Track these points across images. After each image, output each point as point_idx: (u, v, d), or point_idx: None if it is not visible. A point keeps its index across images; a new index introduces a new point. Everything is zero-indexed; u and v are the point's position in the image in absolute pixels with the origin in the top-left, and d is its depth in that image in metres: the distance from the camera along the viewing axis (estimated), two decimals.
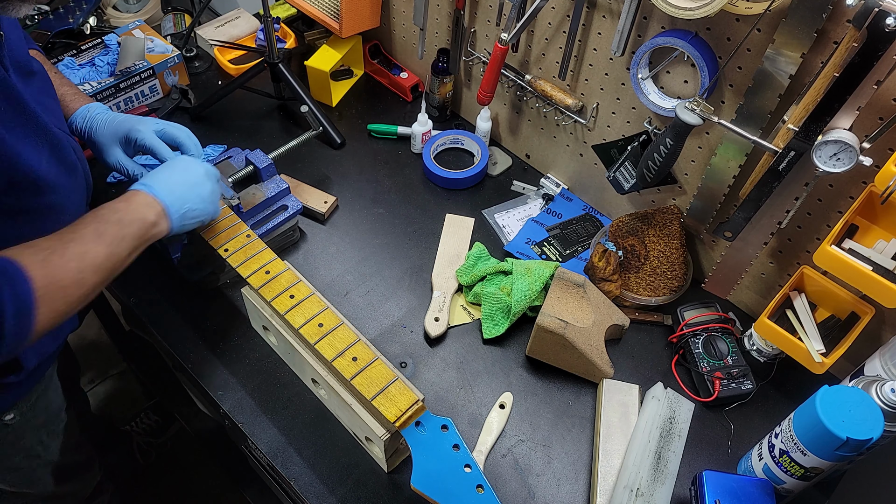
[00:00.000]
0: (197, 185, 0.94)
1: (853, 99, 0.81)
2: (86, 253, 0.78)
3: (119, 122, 1.03)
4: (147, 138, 1.02)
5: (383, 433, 0.89)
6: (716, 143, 1.05)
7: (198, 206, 0.94)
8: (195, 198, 0.93)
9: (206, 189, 0.95)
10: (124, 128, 1.03)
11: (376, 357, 0.91)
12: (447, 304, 1.16)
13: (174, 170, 0.95)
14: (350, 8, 1.40)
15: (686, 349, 1.11)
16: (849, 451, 0.79)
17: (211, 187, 0.96)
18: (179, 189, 0.92)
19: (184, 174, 0.94)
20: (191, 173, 0.95)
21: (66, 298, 0.76)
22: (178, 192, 0.92)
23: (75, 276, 0.77)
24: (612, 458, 0.98)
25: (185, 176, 0.94)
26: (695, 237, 1.21)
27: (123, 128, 1.03)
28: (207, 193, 0.95)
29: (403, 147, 1.44)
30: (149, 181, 0.91)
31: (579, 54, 1.16)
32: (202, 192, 0.95)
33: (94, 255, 0.79)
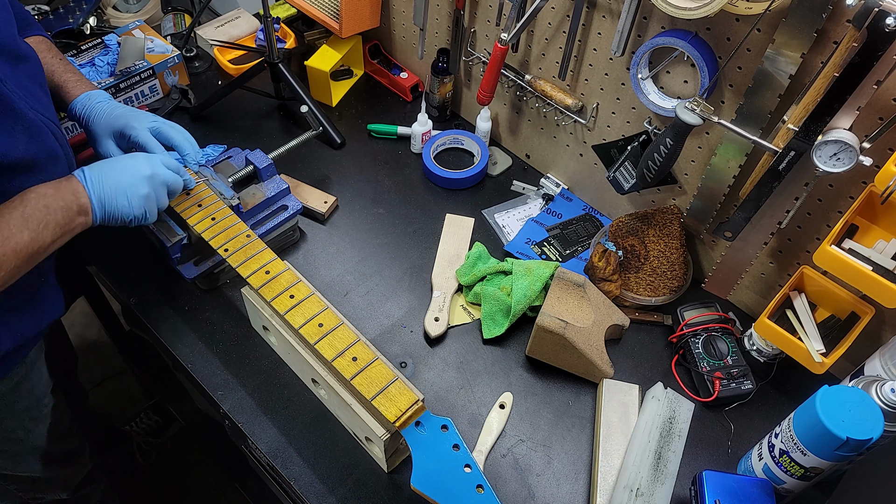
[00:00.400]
0: (132, 187, 0.93)
1: (853, 99, 0.81)
2: (8, 238, 0.79)
3: (116, 116, 1.03)
4: (141, 136, 1.02)
5: (383, 433, 0.89)
6: (716, 143, 1.05)
7: (124, 208, 0.92)
8: (123, 199, 0.92)
9: (138, 192, 0.93)
10: (120, 122, 1.03)
11: (376, 357, 0.91)
12: (447, 304, 1.16)
13: (116, 166, 0.94)
14: (350, 8, 1.40)
15: (686, 349, 1.11)
16: (849, 451, 0.79)
17: (146, 192, 0.94)
18: (112, 186, 0.91)
19: (123, 173, 0.93)
20: (131, 173, 0.94)
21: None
22: (109, 188, 0.91)
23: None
24: (612, 457, 0.98)
25: (123, 175, 0.93)
26: (695, 237, 1.21)
27: (119, 122, 1.03)
28: (139, 197, 0.94)
29: (403, 147, 1.44)
30: (88, 170, 0.91)
31: (579, 54, 1.16)
32: (134, 193, 0.93)
33: (18, 239, 0.80)
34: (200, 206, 1.06)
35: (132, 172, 0.94)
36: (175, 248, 1.09)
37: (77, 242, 1.22)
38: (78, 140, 1.34)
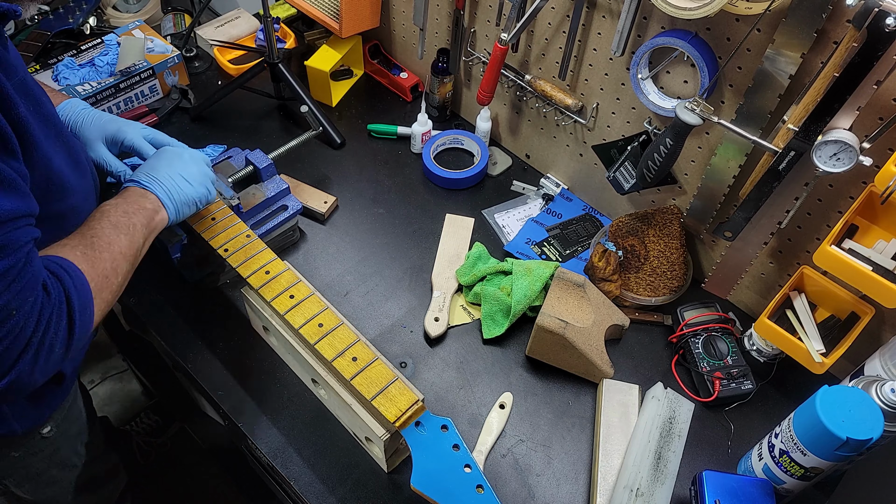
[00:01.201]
0: (182, 168, 0.95)
1: (853, 99, 0.81)
2: (111, 243, 0.80)
3: (106, 121, 1.04)
4: (136, 140, 1.03)
5: (383, 433, 0.89)
6: (716, 143, 1.05)
7: (186, 189, 0.94)
8: (181, 181, 0.94)
9: (190, 170, 0.95)
10: (111, 128, 1.03)
11: (376, 357, 0.91)
12: (447, 304, 1.16)
13: (156, 160, 0.96)
14: (350, 8, 1.40)
15: (686, 349, 1.11)
16: (849, 451, 0.79)
17: (197, 168, 0.96)
18: (164, 175, 0.93)
19: (167, 161, 0.95)
20: (173, 159, 0.96)
21: (110, 288, 0.78)
22: (164, 178, 0.92)
23: (111, 266, 0.78)
24: (611, 458, 0.98)
25: (168, 162, 0.95)
26: (695, 237, 1.21)
27: (110, 127, 1.03)
28: (195, 174, 0.96)
29: (403, 147, 1.44)
30: (136, 175, 0.93)
31: (579, 54, 1.16)
32: (187, 173, 0.95)
33: (119, 244, 0.81)
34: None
35: (174, 159, 0.96)
36: (175, 248, 1.09)
37: None
38: None
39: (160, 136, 1.05)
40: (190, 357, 1.08)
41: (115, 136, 1.03)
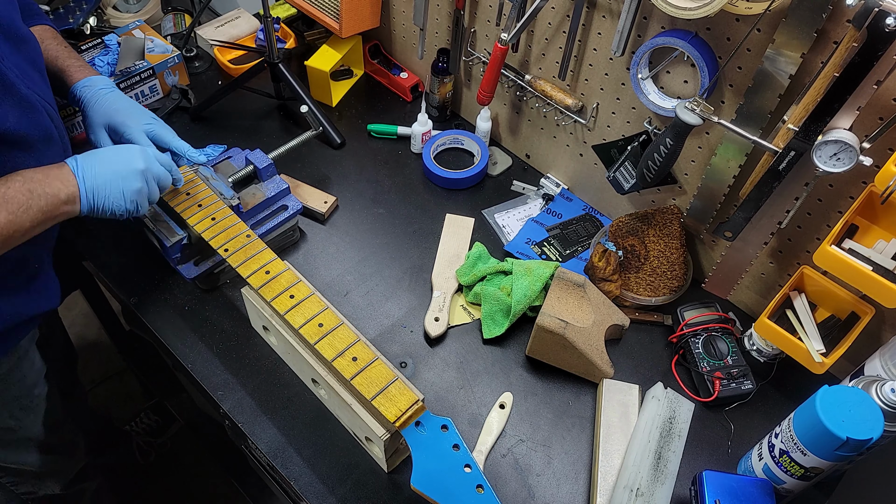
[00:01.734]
0: (125, 180, 0.92)
1: (853, 99, 0.81)
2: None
3: (113, 111, 1.03)
4: (134, 136, 1.02)
5: (383, 433, 0.89)
6: (716, 143, 1.05)
7: (114, 201, 0.91)
8: (115, 192, 0.91)
9: (132, 186, 0.92)
10: (117, 118, 1.03)
11: (376, 357, 0.91)
12: (447, 304, 1.16)
13: (110, 157, 0.92)
14: (350, 8, 1.40)
15: (686, 349, 1.11)
16: (849, 451, 0.79)
17: (139, 186, 0.93)
18: (104, 177, 0.90)
19: (117, 164, 0.92)
20: (125, 165, 0.92)
21: None
22: (101, 179, 0.90)
23: None
24: (612, 457, 0.98)
25: (117, 166, 0.92)
26: (695, 237, 1.21)
27: (116, 118, 1.03)
28: (132, 191, 0.92)
29: (403, 147, 1.44)
30: (81, 159, 0.90)
31: (579, 54, 1.16)
32: (127, 187, 0.92)
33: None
34: (200, 206, 1.06)
35: (126, 165, 0.92)
36: (175, 248, 1.09)
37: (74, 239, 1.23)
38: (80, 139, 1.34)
39: (163, 132, 1.05)
40: (190, 357, 1.08)
41: (116, 128, 1.03)
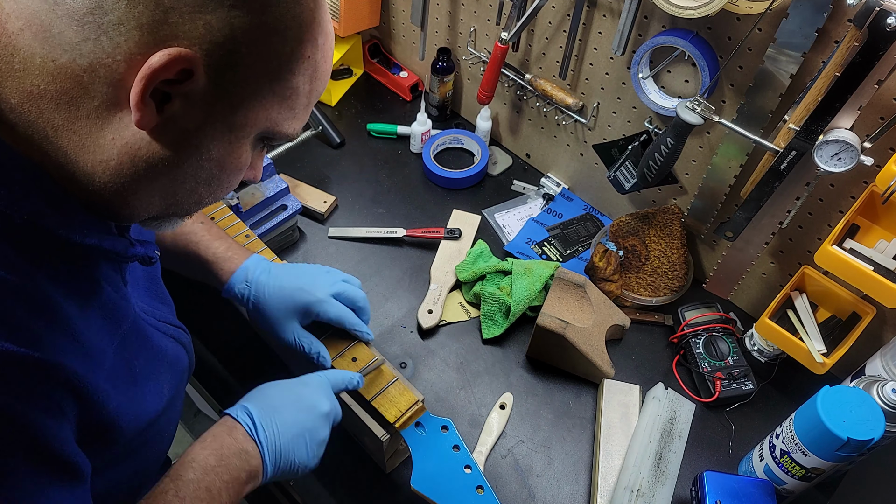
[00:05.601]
0: (311, 432, 0.75)
1: (854, 98, 0.81)
2: None
3: (291, 292, 0.88)
4: (332, 312, 0.88)
5: (383, 434, 0.89)
6: (717, 142, 1.04)
7: (299, 461, 0.74)
8: (301, 450, 0.74)
9: (318, 437, 0.76)
10: (301, 300, 0.88)
11: (376, 357, 0.91)
12: (442, 298, 1.16)
13: (289, 403, 0.76)
14: (349, 7, 1.40)
15: (687, 349, 1.10)
16: (850, 452, 0.79)
17: (325, 436, 0.77)
18: (289, 434, 0.73)
19: (301, 415, 0.75)
20: (310, 413, 0.76)
21: None
22: (285, 438, 0.73)
23: None
24: (612, 458, 0.97)
25: (301, 416, 0.75)
26: (696, 237, 1.20)
27: (300, 299, 0.88)
28: (317, 443, 0.76)
29: (403, 147, 1.44)
30: (258, 415, 0.73)
31: (580, 53, 1.15)
32: (312, 440, 0.76)
33: None
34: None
35: (310, 413, 0.76)
36: None
37: None
38: None
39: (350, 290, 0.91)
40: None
41: (307, 310, 0.88)
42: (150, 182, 0.53)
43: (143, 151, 0.51)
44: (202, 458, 0.68)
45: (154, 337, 0.67)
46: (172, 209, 0.58)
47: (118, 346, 0.59)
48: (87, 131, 0.49)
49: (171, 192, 0.56)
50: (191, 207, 0.59)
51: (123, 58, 0.46)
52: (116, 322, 0.59)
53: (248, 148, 0.57)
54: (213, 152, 0.54)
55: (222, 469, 0.68)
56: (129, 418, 0.59)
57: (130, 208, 0.55)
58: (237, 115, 0.53)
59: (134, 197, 0.54)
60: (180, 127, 0.51)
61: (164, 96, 0.48)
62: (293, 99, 0.56)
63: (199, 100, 0.50)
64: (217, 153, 0.54)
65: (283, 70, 0.53)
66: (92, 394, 0.53)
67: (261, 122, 0.54)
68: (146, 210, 0.57)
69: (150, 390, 0.64)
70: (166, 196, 0.56)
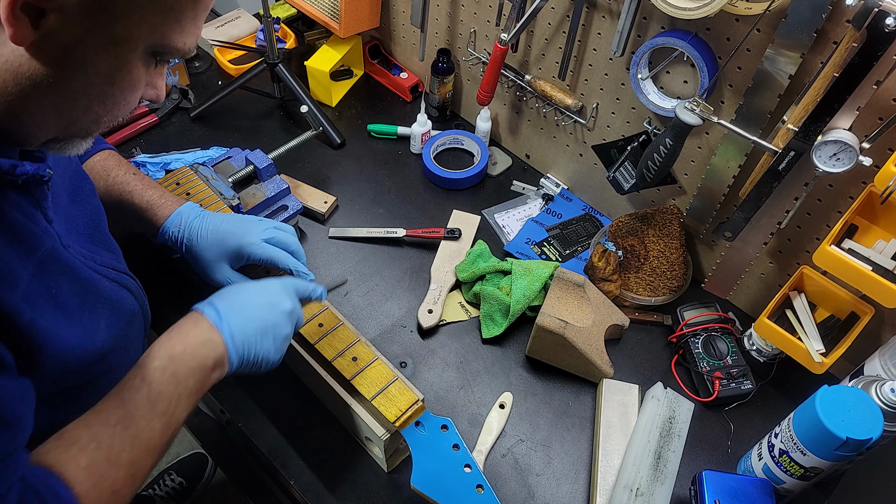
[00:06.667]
0: (275, 327, 0.77)
1: (853, 99, 0.81)
2: (138, 435, 0.64)
3: (224, 235, 0.91)
4: (262, 253, 0.90)
5: (383, 433, 0.89)
6: (715, 143, 1.05)
7: (264, 354, 0.76)
8: (267, 343, 0.76)
9: (282, 332, 0.78)
10: (233, 243, 0.91)
11: (376, 357, 0.91)
12: (442, 297, 1.16)
13: (254, 300, 0.78)
14: (350, 8, 1.40)
15: (686, 349, 1.11)
16: (848, 451, 0.79)
17: (288, 331, 0.80)
18: (253, 327, 0.75)
19: (265, 311, 0.77)
20: (273, 309, 0.78)
21: (119, 502, 0.63)
22: (249, 330, 0.75)
23: (128, 472, 0.63)
24: (611, 457, 0.98)
25: (265, 312, 0.77)
26: (694, 237, 1.21)
27: (231, 242, 0.91)
28: (281, 339, 0.79)
29: (403, 147, 1.44)
30: (223, 308, 0.75)
31: (579, 54, 1.16)
32: (276, 335, 0.78)
33: (149, 434, 0.65)
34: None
35: (273, 310, 0.78)
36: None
37: None
38: None
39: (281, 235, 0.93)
40: None
41: (237, 253, 0.91)
42: (37, 100, 0.54)
43: (25, 68, 0.52)
44: (168, 346, 0.70)
45: (88, 276, 0.68)
46: (71, 129, 0.59)
47: (35, 271, 0.60)
48: None
49: (64, 111, 0.56)
50: (90, 126, 0.60)
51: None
52: (30, 247, 0.60)
53: (140, 63, 0.57)
54: (99, 67, 0.54)
55: (188, 356, 0.70)
56: (51, 340, 0.60)
57: (25, 128, 0.56)
58: (117, 28, 0.53)
59: (25, 115, 0.55)
60: (59, 42, 0.51)
61: (39, 12, 0.49)
62: (177, 10, 0.56)
63: (74, 14, 0.50)
64: (104, 68, 0.55)
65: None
66: None
67: (145, 34, 0.55)
68: (43, 131, 0.58)
69: (81, 323, 0.65)
70: (60, 115, 0.57)
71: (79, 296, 0.66)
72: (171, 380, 0.68)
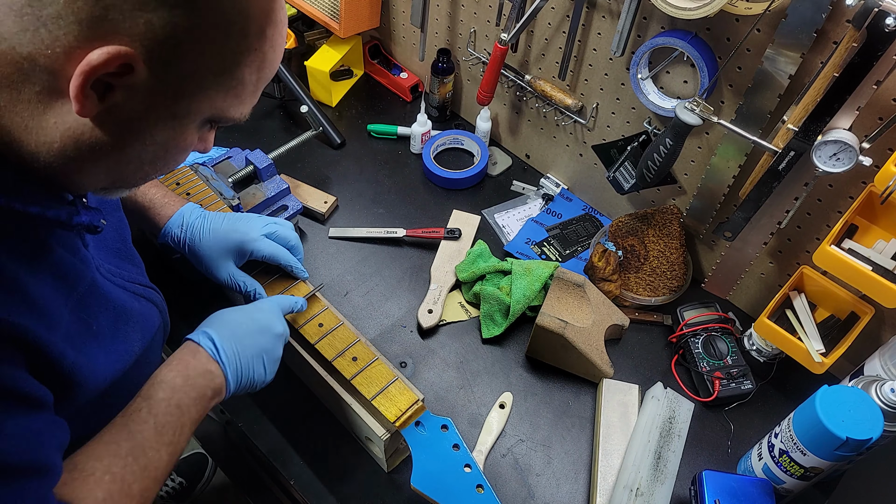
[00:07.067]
0: (268, 352, 0.81)
1: (853, 99, 0.81)
2: (148, 465, 0.66)
3: (225, 233, 0.93)
4: (265, 249, 0.93)
5: (383, 433, 0.89)
6: (715, 143, 1.05)
7: (258, 377, 0.79)
8: (260, 368, 0.79)
9: (274, 356, 0.82)
10: (234, 240, 0.92)
11: (376, 357, 0.91)
12: (442, 297, 1.16)
13: (246, 326, 0.80)
14: (350, 8, 1.40)
15: (686, 349, 1.11)
16: (848, 451, 0.79)
17: (279, 354, 0.83)
18: (247, 354, 0.78)
19: (258, 337, 0.80)
20: (266, 334, 0.81)
21: None
22: (244, 358, 0.78)
23: (139, 502, 0.65)
24: (611, 457, 0.98)
25: (259, 339, 0.80)
26: (694, 237, 1.21)
27: (232, 239, 0.93)
28: (273, 361, 0.82)
29: (403, 147, 1.44)
30: (218, 338, 0.77)
31: (579, 54, 1.16)
32: (269, 358, 0.81)
33: (157, 464, 0.67)
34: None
35: (266, 335, 0.81)
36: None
37: None
38: None
39: (281, 230, 0.95)
40: None
41: (241, 249, 0.93)
42: (94, 163, 0.56)
43: (87, 136, 0.53)
44: (170, 378, 0.72)
45: (119, 298, 0.70)
46: (119, 183, 0.62)
47: (75, 306, 0.62)
48: (30, 114, 0.51)
49: (116, 171, 0.58)
50: (137, 182, 0.63)
51: (63, 50, 0.48)
52: (71, 283, 0.62)
53: (194, 131, 0.59)
54: (156, 137, 0.56)
55: (189, 388, 0.72)
56: (90, 376, 0.62)
57: (76, 185, 0.58)
58: (180, 105, 0.55)
59: (79, 175, 0.57)
60: (123, 115, 0.53)
61: (106, 86, 0.50)
62: (239, 89, 0.57)
63: (141, 91, 0.51)
64: (161, 138, 0.57)
65: (227, 63, 0.54)
66: (44, 348, 0.55)
67: (205, 110, 0.57)
68: (92, 185, 0.60)
69: (116, 350, 0.68)
70: (111, 174, 0.59)
71: (113, 323, 0.68)
72: (175, 411, 0.70)
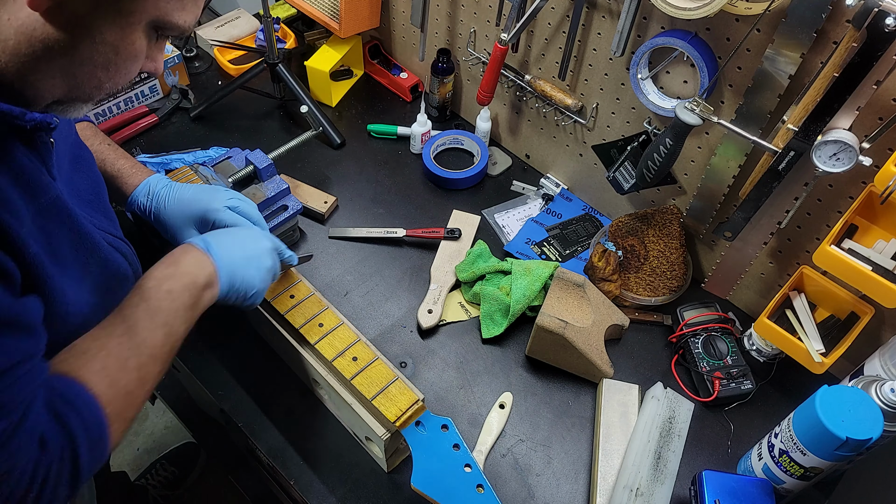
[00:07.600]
0: (257, 258, 0.86)
1: (853, 99, 0.81)
2: (142, 343, 0.70)
3: (189, 202, 0.96)
4: (227, 219, 0.95)
5: (383, 433, 0.89)
6: (715, 143, 1.05)
7: (250, 281, 0.85)
8: (252, 270, 0.85)
9: (264, 264, 0.87)
10: (198, 208, 0.96)
11: (376, 357, 0.91)
12: (442, 297, 1.16)
13: (238, 236, 0.87)
14: (350, 8, 1.40)
15: (686, 349, 1.11)
16: (848, 451, 0.79)
17: (270, 264, 0.88)
18: (238, 256, 0.84)
19: (247, 243, 0.87)
20: (255, 245, 0.88)
21: (133, 403, 0.69)
22: (235, 258, 0.83)
23: (138, 376, 0.69)
24: (611, 457, 0.98)
25: (248, 245, 0.87)
26: (694, 237, 1.21)
27: (196, 207, 0.96)
28: (265, 270, 0.87)
29: (403, 147, 1.44)
30: (210, 238, 0.83)
31: (579, 54, 1.16)
32: (260, 265, 0.86)
33: (152, 342, 0.71)
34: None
35: (255, 244, 0.88)
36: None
37: None
38: None
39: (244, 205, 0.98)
40: (190, 357, 1.08)
41: (203, 217, 0.96)
42: (48, 62, 0.60)
43: (38, 32, 0.58)
44: (161, 269, 0.77)
45: (86, 229, 0.72)
46: (75, 92, 0.64)
47: (36, 214, 0.64)
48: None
49: (70, 75, 0.62)
50: (92, 91, 0.65)
51: None
52: (33, 192, 0.64)
53: (142, 35, 0.63)
54: (105, 36, 0.60)
55: (180, 274, 0.77)
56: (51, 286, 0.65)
57: (34, 89, 0.62)
58: (124, 1, 0.59)
59: (34, 77, 0.60)
60: (71, 10, 0.57)
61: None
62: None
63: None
64: (110, 37, 0.60)
65: None
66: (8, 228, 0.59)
67: (149, 8, 0.61)
68: (49, 92, 0.63)
69: (71, 273, 0.70)
70: (66, 78, 0.62)
71: (73, 246, 0.71)
72: (166, 295, 0.74)
